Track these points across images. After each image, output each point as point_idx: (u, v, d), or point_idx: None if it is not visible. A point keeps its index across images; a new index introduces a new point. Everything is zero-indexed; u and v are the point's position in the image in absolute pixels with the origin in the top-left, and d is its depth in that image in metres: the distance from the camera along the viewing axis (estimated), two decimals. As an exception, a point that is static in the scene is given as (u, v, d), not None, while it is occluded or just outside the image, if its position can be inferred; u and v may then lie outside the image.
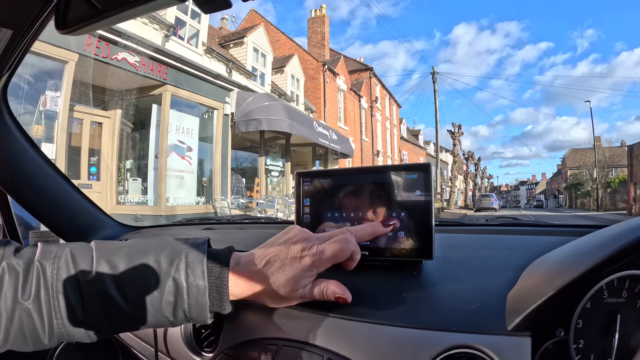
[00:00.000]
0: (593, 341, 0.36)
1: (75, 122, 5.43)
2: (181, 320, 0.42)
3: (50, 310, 0.38)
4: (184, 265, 0.41)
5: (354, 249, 0.45)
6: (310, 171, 0.61)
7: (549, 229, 0.74)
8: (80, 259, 0.41)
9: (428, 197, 0.52)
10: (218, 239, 0.95)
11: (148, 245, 0.43)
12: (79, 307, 0.39)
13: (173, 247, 0.43)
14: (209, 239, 0.46)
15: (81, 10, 0.37)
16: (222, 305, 0.42)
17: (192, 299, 0.41)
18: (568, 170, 40.40)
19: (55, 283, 0.39)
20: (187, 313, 0.41)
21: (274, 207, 6.81)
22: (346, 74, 15.87)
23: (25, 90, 4.34)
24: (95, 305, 0.39)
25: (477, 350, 0.36)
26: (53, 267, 0.40)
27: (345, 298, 0.43)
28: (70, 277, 0.39)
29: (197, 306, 0.41)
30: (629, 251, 0.31)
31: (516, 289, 0.41)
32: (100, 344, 0.86)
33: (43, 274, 0.39)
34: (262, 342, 0.47)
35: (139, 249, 0.42)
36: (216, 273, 0.41)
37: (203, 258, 0.42)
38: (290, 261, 0.42)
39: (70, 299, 0.39)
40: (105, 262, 0.41)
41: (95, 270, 0.40)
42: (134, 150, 6.79)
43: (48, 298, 0.38)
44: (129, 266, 0.41)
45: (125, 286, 0.40)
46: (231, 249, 0.45)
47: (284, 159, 10.63)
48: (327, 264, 0.43)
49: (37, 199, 0.88)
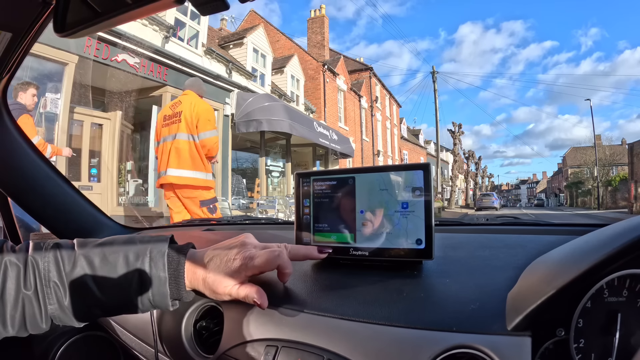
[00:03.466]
0: (594, 340, 0.35)
1: (75, 124, 5.44)
2: (147, 307, 0.49)
3: (45, 298, 0.46)
4: (148, 259, 0.48)
5: (280, 262, 0.48)
6: (310, 172, 0.61)
7: (549, 228, 0.74)
8: (64, 255, 0.48)
9: (428, 196, 0.52)
10: (219, 239, 0.95)
11: (119, 242, 0.50)
12: (64, 296, 0.46)
13: (140, 243, 0.50)
14: (172, 235, 0.52)
15: (80, 13, 0.37)
16: (179, 293, 0.48)
17: (155, 288, 0.47)
18: (569, 168, 40.37)
19: (47, 274, 0.46)
20: (151, 300, 0.48)
21: (274, 208, 6.81)
22: (346, 74, 15.87)
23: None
24: (76, 294, 0.46)
25: (477, 350, 0.36)
26: (44, 261, 0.47)
27: (260, 304, 0.46)
28: (57, 270, 0.47)
29: (159, 295, 0.48)
30: (629, 250, 0.31)
31: (516, 289, 0.41)
32: (101, 344, 0.86)
33: (37, 267, 0.46)
34: (262, 343, 0.47)
35: (112, 246, 0.50)
36: (174, 266, 0.48)
37: (164, 253, 0.48)
38: (225, 262, 0.48)
39: (58, 289, 0.46)
40: (83, 257, 0.48)
41: (76, 265, 0.47)
42: (135, 151, 6.80)
43: (42, 287, 0.46)
44: (102, 261, 0.48)
45: (99, 278, 0.47)
46: (189, 245, 0.51)
47: (284, 160, 10.63)
48: (254, 270, 0.48)
49: (37, 201, 0.88)
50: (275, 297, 0.52)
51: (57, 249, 0.48)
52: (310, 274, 0.59)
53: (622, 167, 25.76)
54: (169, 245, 0.50)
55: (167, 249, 0.49)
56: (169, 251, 0.49)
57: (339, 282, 0.53)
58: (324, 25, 15.32)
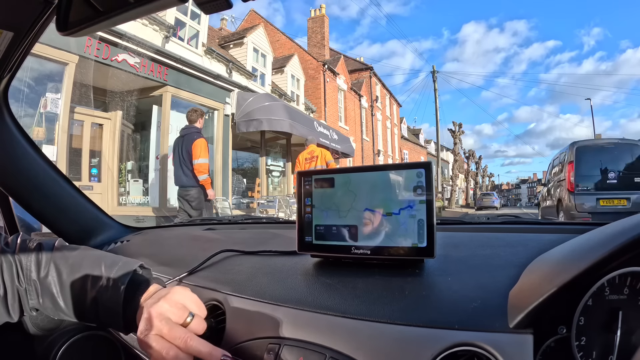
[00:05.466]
0: (595, 338, 0.36)
1: (76, 123, 5.43)
2: (98, 323, 0.55)
3: (26, 293, 0.56)
4: (105, 286, 0.54)
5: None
6: (311, 171, 0.61)
7: (550, 227, 0.74)
8: (43, 260, 0.57)
9: (429, 195, 0.52)
10: (220, 239, 0.95)
11: (88, 262, 0.57)
12: (37, 295, 0.56)
13: (103, 269, 0.55)
14: (141, 263, 0.57)
15: (82, 12, 0.37)
16: (118, 325, 0.53)
17: (104, 312, 0.53)
18: (569, 168, 40.31)
19: (28, 274, 0.56)
20: (102, 318, 0.54)
21: (275, 207, 6.80)
22: (346, 74, 15.85)
23: (25, 93, 4.34)
24: (45, 295, 0.56)
25: (479, 348, 0.36)
26: (27, 260, 0.56)
27: None
28: (35, 273, 0.56)
29: (107, 316, 0.53)
30: (630, 248, 0.31)
31: (518, 287, 0.41)
32: (102, 344, 0.86)
33: (21, 266, 0.56)
34: (264, 341, 0.47)
35: (78, 265, 0.56)
36: (130, 293, 0.52)
37: (121, 287, 0.52)
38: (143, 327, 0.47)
39: (36, 288, 0.56)
40: (54, 266, 0.56)
41: (47, 272, 0.56)
42: (135, 151, 6.79)
43: (24, 284, 0.56)
44: (68, 275, 0.56)
45: (64, 289, 0.55)
46: (150, 281, 0.54)
47: (284, 159, 10.62)
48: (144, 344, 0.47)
49: (38, 201, 0.88)
50: (277, 296, 0.52)
51: (38, 252, 0.57)
52: (312, 272, 0.59)
53: (623, 166, 25.73)
54: (133, 273, 0.55)
55: (132, 272, 0.54)
56: (127, 284, 0.53)
57: (341, 281, 0.53)
58: (324, 24, 15.30)
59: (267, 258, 0.70)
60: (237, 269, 0.66)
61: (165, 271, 0.72)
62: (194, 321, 0.47)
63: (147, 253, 0.88)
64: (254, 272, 0.63)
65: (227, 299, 0.56)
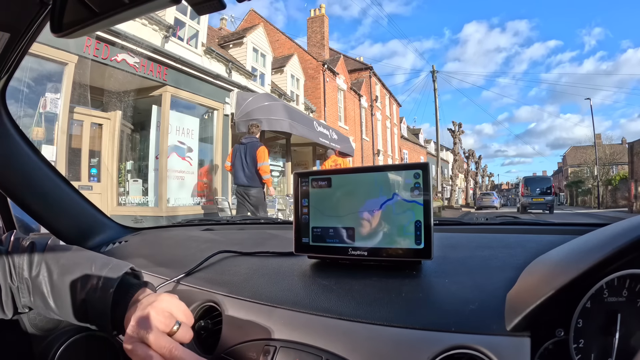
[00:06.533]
0: (593, 341, 0.35)
1: (75, 124, 5.42)
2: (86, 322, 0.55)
3: (18, 291, 0.57)
4: (95, 287, 0.54)
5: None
6: (309, 171, 0.61)
7: (548, 228, 0.74)
8: (35, 259, 0.58)
9: (427, 196, 0.52)
10: (218, 239, 0.95)
11: (79, 262, 0.57)
12: (29, 294, 0.57)
13: (94, 271, 0.56)
14: (132, 266, 0.57)
15: (77, 13, 0.37)
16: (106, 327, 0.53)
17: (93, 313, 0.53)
18: (569, 167, 40.28)
19: (20, 272, 0.57)
20: (90, 319, 0.54)
21: (274, 207, 6.80)
22: (346, 74, 15.84)
23: (25, 93, 4.34)
24: (36, 294, 0.56)
25: (475, 351, 0.36)
26: (19, 259, 0.57)
27: None
28: (27, 271, 0.57)
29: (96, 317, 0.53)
30: (629, 250, 0.31)
31: (515, 289, 0.40)
32: (101, 345, 0.86)
33: (14, 264, 0.57)
34: (260, 343, 0.47)
35: (69, 266, 0.57)
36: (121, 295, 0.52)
37: (110, 289, 0.53)
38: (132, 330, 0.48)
39: (28, 286, 0.57)
40: (45, 266, 0.57)
41: (39, 271, 0.57)
42: (135, 151, 6.79)
43: (16, 282, 0.57)
44: (59, 275, 0.56)
45: (54, 288, 0.56)
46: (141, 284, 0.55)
47: (284, 159, 10.61)
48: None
49: (36, 202, 0.88)
50: (274, 297, 0.52)
51: (31, 250, 0.58)
52: (309, 274, 0.59)
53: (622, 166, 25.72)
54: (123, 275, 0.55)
55: (122, 275, 0.54)
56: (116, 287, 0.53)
57: (338, 283, 0.53)
58: (324, 24, 15.29)
59: (264, 259, 0.70)
60: (234, 270, 0.66)
61: (163, 272, 0.72)
62: (180, 330, 0.47)
63: (145, 254, 0.88)
64: (251, 273, 0.63)
65: (223, 301, 0.55)
